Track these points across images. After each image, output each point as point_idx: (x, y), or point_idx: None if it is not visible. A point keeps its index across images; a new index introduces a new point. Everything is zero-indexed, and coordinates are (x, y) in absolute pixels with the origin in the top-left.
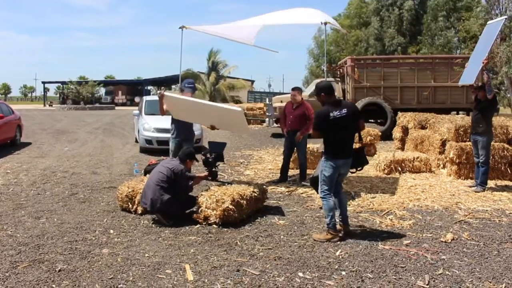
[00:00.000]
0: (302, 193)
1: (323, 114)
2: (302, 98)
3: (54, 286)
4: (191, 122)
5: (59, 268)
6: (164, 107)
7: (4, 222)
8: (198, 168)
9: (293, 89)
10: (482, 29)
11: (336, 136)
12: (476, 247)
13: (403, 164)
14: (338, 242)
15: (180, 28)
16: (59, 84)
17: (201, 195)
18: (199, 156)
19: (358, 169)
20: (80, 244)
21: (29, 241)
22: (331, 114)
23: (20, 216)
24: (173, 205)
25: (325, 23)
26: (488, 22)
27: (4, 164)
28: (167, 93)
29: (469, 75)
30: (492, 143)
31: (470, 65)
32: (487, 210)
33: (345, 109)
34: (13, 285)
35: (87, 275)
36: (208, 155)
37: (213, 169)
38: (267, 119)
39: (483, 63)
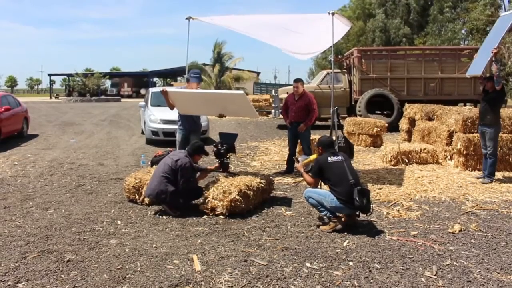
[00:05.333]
0: (308, 184)
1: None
2: (304, 89)
3: (63, 276)
4: (198, 114)
5: (68, 258)
6: (170, 101)
7: (13, 213)
8: (205, 160)
9: (295, 80)
10: (488, 21)
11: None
12: (484, 238)
13: (409, 156)
14: (345, 233)
15: (187, 19)
16: (65, 77)
17: (208, 186)
18: (210, 148)
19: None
20: (88, 234)
21: (38, 232)
22: (329, 159)
23: (28, 207)
24: (178, 196)
25: (333, 13)
26: (501, 14)
27: (11, 155)
28: (168, 88)
29: (477, 66)
30: (500, 134)
31: (479, 56)
32: (494, 201)
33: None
34: (23, 275)
35: (95, 265)
36: (220, 147)
37: (225, 161)
38: (273, 111)
39: (492, 52)
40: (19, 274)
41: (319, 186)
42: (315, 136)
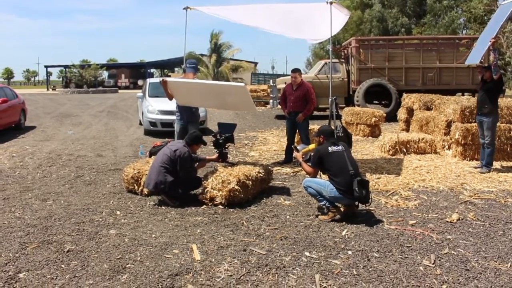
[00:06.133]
0: (307, 174)
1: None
2: (302, 79)
3: (63, 266)
4: (197, 106)
5: (68, 248)
6: (169, 92)
7: (12, 205)
8: (203, 150)
9: (293, 70)
10: (486, 10)
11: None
12: (481, 227)
13: (408, 145)
14: (344, 222)
15: (184, 9)
16: (62, 68)
17: (207, 176)
18: (208, 138)
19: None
20: (87, 225)
21: (37, 223)
22: (330, 149)
23: (27, 198)
24: (177, 186)
25: (331, 3)
26: (502, 3)
27: (9, 147)
28: (168, 78)
29: (475, 55)
30: (498, 124)
31: (478, 45)
32: (492, 191)
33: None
34: (23, 266)
35: (95, 255)
36: (218, 137)
37: (223, 151)
38: (271, 101)
39: (490, 41)
40: (19, 265)
41: (318, 176)
42: (314, 126)
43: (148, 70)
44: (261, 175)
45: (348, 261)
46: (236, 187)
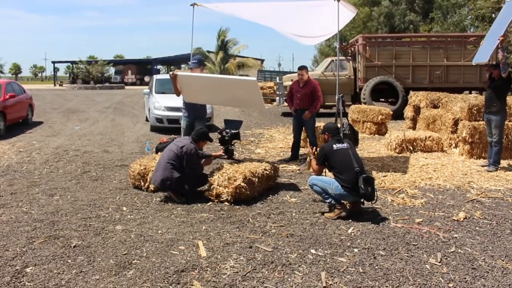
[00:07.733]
0: (313, 172)
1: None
2: (309, 77)
3: (69, 261)
4: (204, 103)
5: (74, 244)
6: (178, 87)
7: (19, 199)
8: (209, 147)
9: (299, 68)
10: (494, 8)
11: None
12: (488, 225)
13: (414, 143)
14: (350, 220)
15: (191, 5)
16: (69, 64)
17: (213, 172)
18: (214, 135)
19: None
20: (93, 220)
21: (44, 218)
22: (335, 146)
23: (34, 193)
24: (183, 183)
25: (338, 0)
26: (507, 0)
27: (17, 143)
28: (179, 72)
29: (483, 54)
30: (506, 122)
31: (485, 43)
32: (499, 189)
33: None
34: (30, 260)
35: (101, 251)
36: (225, 133)
37: (229, 147)
38: (277, 98)
39: (498, 40)
40: (26, 259)
41: (324, 174)
42: (320, 123)
43: (155, 67)
44: (267, 172)
45: (354, 259)
46: (242, 184)
